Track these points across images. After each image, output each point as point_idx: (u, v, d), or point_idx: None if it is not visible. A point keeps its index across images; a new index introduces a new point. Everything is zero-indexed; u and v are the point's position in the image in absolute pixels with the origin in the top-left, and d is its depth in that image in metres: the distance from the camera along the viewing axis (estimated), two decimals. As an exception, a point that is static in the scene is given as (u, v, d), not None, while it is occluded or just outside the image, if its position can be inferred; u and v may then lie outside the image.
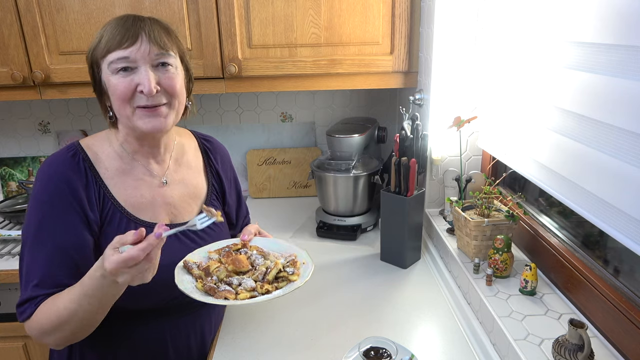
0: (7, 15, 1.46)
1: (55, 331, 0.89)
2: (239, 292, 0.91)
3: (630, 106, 0.74)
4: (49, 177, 0.95)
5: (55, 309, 0.88)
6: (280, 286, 0.93)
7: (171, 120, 0.99)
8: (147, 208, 1.03)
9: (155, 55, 0.94)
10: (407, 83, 1.60)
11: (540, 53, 1.03)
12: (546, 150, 1.01)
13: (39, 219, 0.93)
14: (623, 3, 0.75)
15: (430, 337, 1.09)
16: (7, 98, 1.57)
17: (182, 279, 0.94)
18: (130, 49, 0.92)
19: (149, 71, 0.93)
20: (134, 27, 0.93)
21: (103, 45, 0.93)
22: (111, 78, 0.93)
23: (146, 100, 0.94)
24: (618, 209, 0.78)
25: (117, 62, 0.92)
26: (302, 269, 0.99)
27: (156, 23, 0.97)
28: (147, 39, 0.93)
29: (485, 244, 1.20)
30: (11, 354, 1.58)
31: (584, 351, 0.80)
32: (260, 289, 0.92)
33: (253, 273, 0.96)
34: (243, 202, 1.31)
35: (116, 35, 0.92)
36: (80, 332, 0.91)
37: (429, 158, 1.51)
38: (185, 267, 0.98)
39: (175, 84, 0.97)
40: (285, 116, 2.02)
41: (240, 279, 0.94)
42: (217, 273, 0.95)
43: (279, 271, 0.96)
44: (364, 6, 1.49)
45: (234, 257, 0.98)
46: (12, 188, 2.04)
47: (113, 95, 0.95)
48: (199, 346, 1.10)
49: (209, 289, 0.91)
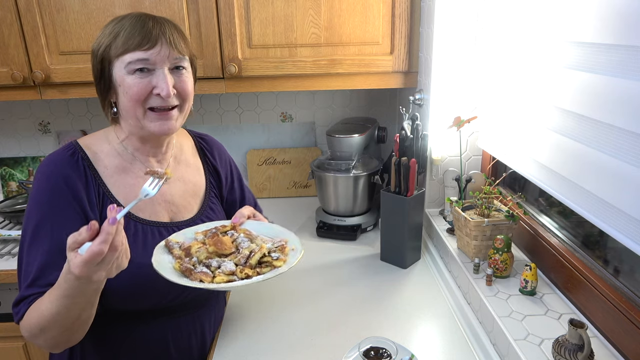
0: (7, 15, 1.46)
1: (42, 333, 0.86)
2: (216, 275, 0.86)
3: (630, 106, 0.74)
4: (48, 176, 0.95)
5: (40, 312, 0.85)
6: (263, 272, 0.87)
7: (180, 123, 1.01)
8: (146, 207, 1.03)
9: (174, 59, 0.95)
10: (407, 83, 1.60)
11: (540, 53, 1.03)
12: (546, 150, 1.01)
13: (38, 219, 0.92)
14: (623, 3, 0.75)
15: (430, 337, 1.09)
16: (7, 98, 1.57)
17: (161, 258, 0.89)
18: (150, 51, 0.92)
19: (167, 74, 0.94)
20: (155, 30, 0.93)
21: (120, 44, 0.92)
22: (126, 78, 0.93)
23: (161, 101, 0.95)
24: (618, 209, 0.78)
25: (136, 63, 0.92)
26: (290, 255, 0.92)
27: (174, 27, 0.97)
28: (167, 43, 0.93)
29: (485, 244, 1.20)
30: (11, 354, 1.57)
31: (584, 351, 0.80)
32: (240, 273, 0.86)
33: (235, 256, 0.91)
34: (248, 194, 1.29)
35: (136, 36, 0.92)
36: (70, 333, 0.88)
37: (429, 158, 1.51)
38: (166, 247, 0.94)
39: (188, 87, 0.99)
40: (285, 116, 2.02)
41: (221, 262, 0.89)
42: (198, 254, 0.91)
43: (263, 255, 0.91)
44: (364, 6, 1.49)
45: (217, 238, 0.93)
46: (12, 188, 2.04)
47: (126, 95, 0.94)
48: (200, 346, 1.10)
49: (185, 270, 0.87)
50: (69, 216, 0.93)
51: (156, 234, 1.01)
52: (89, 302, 0.85)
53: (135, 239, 0.98)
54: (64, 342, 0.90)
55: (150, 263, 0.89)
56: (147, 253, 0.98)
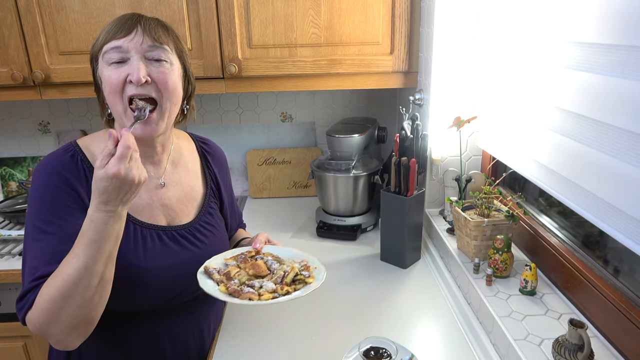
0: (7, 15, 1.46)
1: (60, 310, 0.82)
2: (261, 294, 0.96)
3: (630, 106, 0.74)
4: (48, 174, 0.95)
5: (60, 277, 0.82)
6: (297, 288, 0.99)
7: (162, 126, 0.99)
8: (144, 209, 1.03)
9: (148, 46, 0.94)
10: (407, 83, 1.60)
11: (540, 53, 1.03)
12: (546, 150, 1.01)
13: (40, 214, 0.92)
14: (623, 3, 0.75)
15: (430, 337, 1.09)
16: (7, 98, 1.57)
17: (205, 282, 0.99)
18: (123, 39, 0.93)
19: (139, 61, 0.94)
20: (131, 20, 0.95)
21: (101, 39, 0.95)
22: (104, 70, 0.94)
23: (135, 89, 0.93)
24: (618, 209, 0.78)
25: (111, 52, 0.93)
26: (315, 272, 1.04)
27: (155, 20, 0.98)
28: (141, 31, 0.94)
29: (485, 244, 1.20)
30: (11, 354, 1.58)
31: (584, 351, 0.80)
32: (281, 291, 0.97)
33: (272, 277, 1.02)
34: (235, 206, 1.32)
35: (112, 28, 0.94)
36: (90, 304, 0.85)
37: (429, 158, 1.51)
38: (206, 273, 1.02)
39: (167, 79, 0.96)
40: (285, 116, 2.02)
41: (261, 282, 1.00)
42: (239, 277, 1.00)
43: (295, 274, 1.02)
44: (364, 6, 1.49)
45: (253, 262, 1.04)
46: (12, 188, 2.04)
47: (106, 88, 0.95)
48: (198, 347, 1.10)
49: (233, 292, 0.96)
50: (70, 210, 0.93)
51: (155, 237, 1.01)
52: (110, 254, 0.85)
53: (135, 241, 0.98)
54: (81, 323, 0.86)
55: (146, 265, 0.95)
56: (144, 255, 0.98)
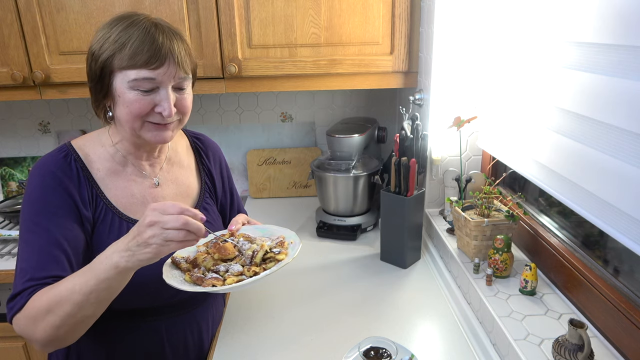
0: (7, 15, 1.46)
1: (47, 314, 0.83)
2: (226, 278, 0.91)
3: (630, 106, 0.74)
4: (42, 175, 0.95)
5: (56, 291, 0.83)
6: (268, 267, 0.93)
7: (176, 132, 1.02)
8: (138, 208, 1.03)
9: (179, 79, 0.95)
10: (407, 83, 1.60)
11: (540, 53, 1.03)
12: (546, 150, 1.01)
13: (32, 215, 0.92)
14: (623, 3, 0.75)
15: (430, 337, 1.09)
16: (7, 98, 1.57)
17: (171, 274, 0.94)
18: (157, 71, 0.91)
19: (171, 94, 0.94)
20: (164, 48, 0.91)
21: (127, 58, 0.90)
22: (127, 92, 0.92)
23: (161, 119, 0.95)
24: (618, 209, 0.78)
25: (142, 81, 0.91)
26: (290, 247, 0.99)
27: (182, 41, 0.96)
28: (174, 63, 0.93)
29: (485, 244, 1.20)
30: (11, 354, 1.58)
31: (584, 351, 0.80)
32: (248, 272, 0.92)
33: (240, 259, 0.96)
34: (236, 197, 1.30)
35: (145, 52, 0.90)
36: (72, 322, 0.84)
37: (429, 158, 1.51)
38: (173, 263, 0.98)
39: (188, 104, 0.99)
40: (285, 116, 2.02)
41: (227, 266, 0.95)
42: (204, 263, 0.96)
43: (266, 252, 0.96)
44: (364, 6, 1.49)
45: (220, 245, 0.98)
46: (12, 188, 2.04)
47: (126, 109, 0.93)
48: (197, 345, 1.10)
49: (197, 279, 0.91)
50: (63, 212, 0.93)
51: None
52: (102, 300, 0.85)
53: None
54: (58, 335, 0.86)
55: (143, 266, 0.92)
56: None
